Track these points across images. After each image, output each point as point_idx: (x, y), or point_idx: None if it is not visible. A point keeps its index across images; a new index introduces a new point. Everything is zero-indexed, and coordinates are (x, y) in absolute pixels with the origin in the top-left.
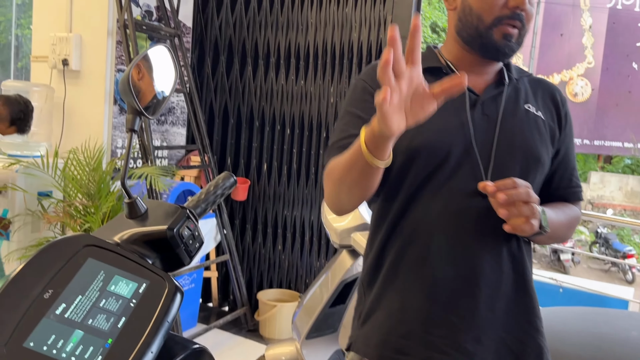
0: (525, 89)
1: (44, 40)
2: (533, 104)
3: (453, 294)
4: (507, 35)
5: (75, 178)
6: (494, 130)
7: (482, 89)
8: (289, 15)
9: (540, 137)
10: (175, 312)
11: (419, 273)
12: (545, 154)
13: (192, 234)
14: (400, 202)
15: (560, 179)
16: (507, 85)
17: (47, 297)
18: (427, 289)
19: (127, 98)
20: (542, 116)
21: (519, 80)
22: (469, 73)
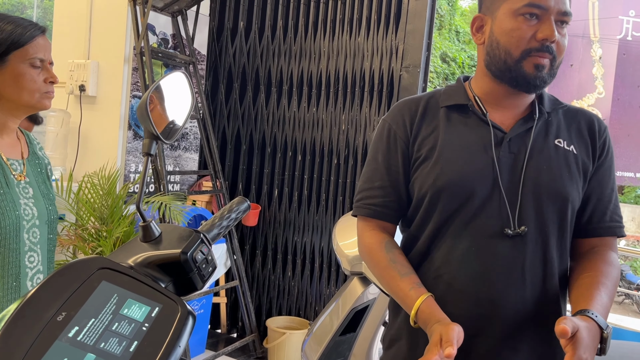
0: (557, 122)
1: (63, 67)
2: (565, 137)
3: (475, 334)
4: (538, 66)
5: (88, 202)
6: (520, 169)
7: (510, 124)
8: (302, 44)
9: (569, 174)
10: (187, 337)
11: (443, 310)
12: (574, 192)
13: (205, 258)
14: (427, 237)
15: (592, 212)
16: (536, 120)
17: (61, 319)
18: None
19: (145, 123)
20: (574, 150)
21: (551, 113)
22: (498, 107)
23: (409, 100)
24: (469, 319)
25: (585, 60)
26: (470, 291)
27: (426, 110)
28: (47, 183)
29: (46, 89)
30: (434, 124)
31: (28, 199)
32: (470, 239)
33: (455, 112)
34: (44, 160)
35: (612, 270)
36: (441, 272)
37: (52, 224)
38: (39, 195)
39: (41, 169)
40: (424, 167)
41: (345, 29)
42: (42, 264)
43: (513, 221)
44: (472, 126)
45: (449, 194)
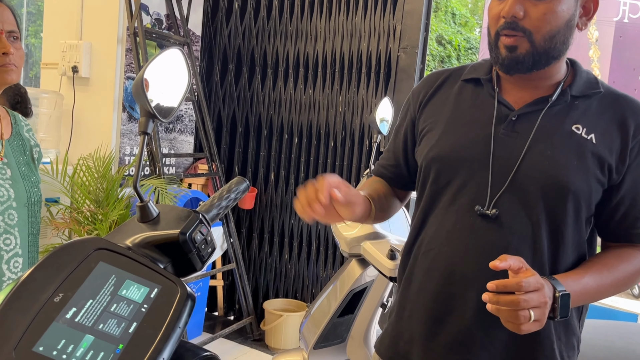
0: (585, 108)
1: (54, 48)
2: (586, 124)
3: (449, 313)
4: (507, 47)
5: (84, 184)
6: (520, 149)
7: (523, 104)
8: (298, 25)
9: (579, 162)
10: (187, 318)
11: (424, 285)
12: (581, 183)
13: (204, 238)
14: (421, 211)
15: (623, 217)
16: (551, 101)
17: (58, 300)
18: (428, 303)
19: (141, 101)
20: (594, 140)
21: (580, 98)
22: (515, 86)
23: (437, 72)
24: (444, 297)
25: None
26: (449, 268)
27: (445, 82)
28: (30, 165)
29: (1, 62)
30: (446, 96)
31: (5, 180)
32: (456, 215)
33: (471, 86)
34: (29, 142)
35: (623, 265)
36: (430, 247)
37: (33, 207)
38: (18, 176)
39: (25, 150)
40: (426, 138)
41: (342, 9)
42: (22, 247)
43: (489, 201)
44: (481, 101)
45: (438, 166)
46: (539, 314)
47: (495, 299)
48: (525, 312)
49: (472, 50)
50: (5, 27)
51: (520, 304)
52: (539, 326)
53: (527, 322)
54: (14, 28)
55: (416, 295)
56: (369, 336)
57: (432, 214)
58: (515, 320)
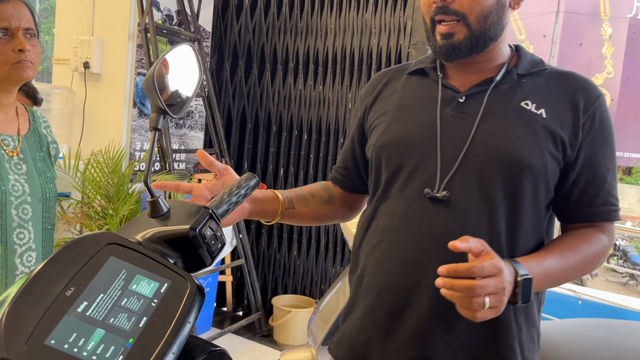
0: (533, 85)
1: (66, 43)
2: (536, 100)
3: (406, 305)
4: (443, 34)
5: (94, 180)
6: (470, 129)
7: (470, 86)
8: (308, 21)
9: (532, 137)
10: (196, 313)
11: (377, 279)
12: (535, 158)
13: (214, 234)
14: (374, 201)
15: (581, 196)
16: (497, 80)
17: (69, 294)
18: (383, 298)
19: (152, 96)
20: (545, 114)
21: (527, 76)
22: (459, 70)
23: (382, 71)
24: (398, 290)
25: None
26: (401, 259)
27: (390, 80)
28: (47, 161)
29: (16, 58)
30: (393, 91)
31: (20, 175)
32: (407, 202)
33: (416, 77)
34: (46, 138)
35: (586, 246)
36: (381, 237)
37: (47, 202)
38: (34, 172)
39: (41, 146)
40: (374, 131)
41: (352, 5)
42: (35, 242)
43: (439, 184)
44: (426, 88)
45: (387, 153)
46: (495, 300)
47: (449, 284)
48: (479, 299)
49: None
50: (22, 24)
51: (475, 290)
52: (496, 313)
53: (482, 309)
54: (31, 25)
55: (368, 290)
56: None
57: (383, 203)
58: (469, 306)
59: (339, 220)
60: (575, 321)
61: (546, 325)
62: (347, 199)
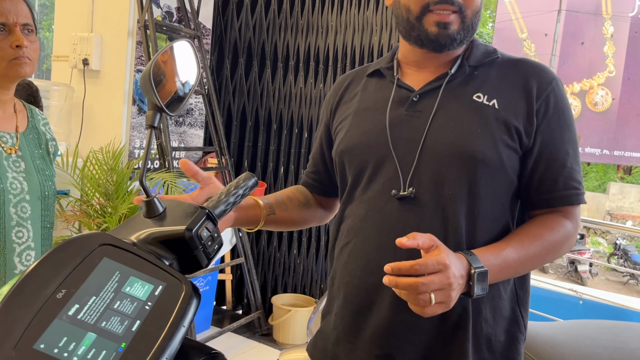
0: (485, 76)
1: (65, 40)
2: (487, 92)
3: (369, 305)
4: (440, 23)
5: (93, 177)
6: (424, 127)
7: (424, 83)
8: (309, 18)
9: (484, 130)
10: (192, 316)
11: (344, 280)
12: (488, 151)
13: (211, 235)
14: (342, 205)
15: (541, 181)
16: (449, 75)
17: (60, 297)
18: (349, 298)
19: (148, 94)
20: (497, 105)
21: (479, 67)
22: (417, 68)
23: (344, 75)
24: (362, 289)
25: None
26: (364, 259)
27: (352, 83)
28: (45, 159)
29: (14, 54)
30: (354, 94)
31: (18, 172)
32: (368, 203)
33: (374, 78)
34: (45, 136)
35: (547, 233)
36: (348, 239)
37: (46, 200)
38: (33, 170)
39: (40, 143)
40: (337, 136)
41: (354, 3)
42: (34, 240)
43: (403, 182)
44: (383, 89)
45: (348, 158)
46: (443, 295)
47: (394, 282)
48: (424, 296)
49: None
50: (19, 19)
51: (419, 288)
52: (445, 308)
53: (428, 305)
54: (29, 21)
55: (337, 291)
56: None
57: (349, 206)
58: (415, 303)
59: (317, 223)
60: (578, 322)
61: (549, 326)
62: (322, 202)
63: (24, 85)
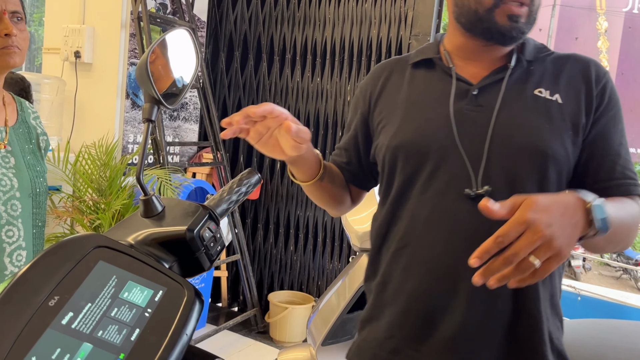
0: (542, 71)
1: (56, 32)
2: (549, 87)
3: (440, 310)
4: (512, 16)
5: (86, 173)
6: (488, 122)
7: (481, 77)
8: (306, 11)
9: (550, 126)
10: (194, 324)
11: (406, 285)
12: (557, 146)
13: (213, 236)
14: (390, 205)
15: (597, 170)
16: (510, 69)
17: (53, 304)
18: (414, 304)
19: (145, 85)
20: (560, 100)
21: (534, 62)
22: (470, 61)
23: (382, 63)
24: (431, 296)
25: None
26: (432, 262)
27: (392, 73)
28: (36, 154)
29: (2, 43)
30: (398, 85)
31: (7, 169)
32: (431, 203)
33: (422, 69)
34: (35, 130)
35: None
36: (404, 242)
37: (38, 198)
38: (23, 166)
39: (31, 138)
40: (384, 130)
41: None
42: (25, 240)
43: (475, 180)
44: (436, 81)
45: (404, 154)
46: (545, 251)
47: (487, 272)
48: (525, 264)
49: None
50: (8, 7)
51: (511, 260)
52: (560, 260)
53: (537, 269)
54: (18, 8)
55: (395, 297)
56: None
57: (402, 206)
58: (522, 276)
59: (340, 211)
60: (586, 322)
61: None
62: (353, 192)
63: (17, 79)
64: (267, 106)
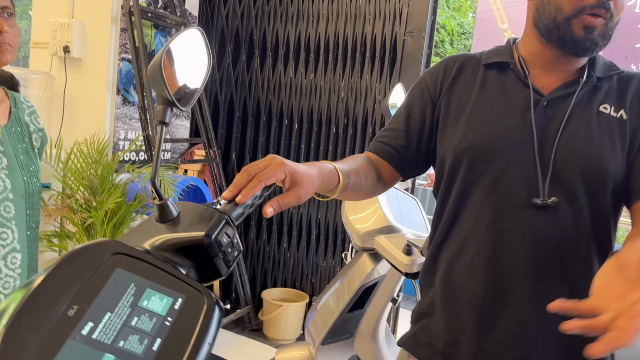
0: (608, 89)
1: (44, 26)
2: (613, 104)
3: (500, 308)
4: (588, 27)
5: (77, 170)
6: (555, 134)
7: (552, 88)
8: (300, 6)
9: (613, 143)
10: (215, 332)
11: (468, 283)
12: (613, 163)
13: (231, 241)
14: (452, 206)
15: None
16: (581, 84)
17: (72, 314)
18: (475, 301)
19: (158, 87)
20: (625, 116)
21: (603, 79)
22: (543, 70)
23: (454, 56)
24: (494, 293)
25: None
26: (495, 263)
27: (464, 68)
28: (30, 153)
29: None
30: (470, 82)
31: (0, 170)
32: (495, 207)
33: (494, 72)
34: (28, 128)
35: None
36: (468, 242)
37: (31, 199)
38: (16, 166)
39: (24, 137)
40: (450, 128)
41: None
42: (20, 242)
43: (542, 190)
44: (509, 87)
45: (472, 155)
46: None
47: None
48: None
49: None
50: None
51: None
52: None
53: None
54: (7, 4)
55: (458, 294)
56: (377, 331)
57: (465, 207)
58: None
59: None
60: None
61: None
62: (390, 174)
63: (6, 77)
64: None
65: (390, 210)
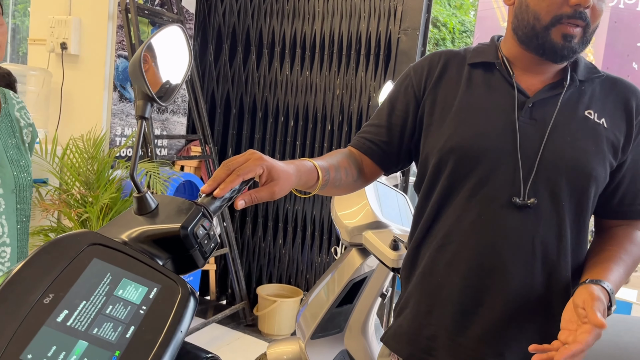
0: (591, 92)
1: (42, 23)
2: (597, 109)
3: (479, 305)
4: (567, 36)
5: (73, 166)
6: (541, 137)
7: (536, 90)
8: (295, 3)
9: (596, 149)
10: (189, 321)
11: (448, 279)
12: (599, 168)
13: (207, 233)
14: (435, 203)
15: (624, 195)
16: (566, 87)
17: (48, 302)
18: (454, 297)
19: (138, 82)
20: (605, 124)
21: (585, 82)
22: (525, 72)
23: (439, 52)
24: (473, 290)
25: None
26: (475, 261)
27: (449, 65)
28: (20, 148)
29: None
30: (455, 81)
31: None
32: (479, 207)
33: (480, 71)
34: (18, 123)
35: (635, 249)
36: (449, 239)
37: (22, 193)
38: (5, 161)
39: (14, 132)
40: (436, 126)
41: None
42: (10, 236)
43: (523, 191)
44: (495, 87)
45: (457, 156)
46: None
47: None
48: None
49: (467, 33)
50: None
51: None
52: None
53: None
54: None
55: (438, 289)
56: (367, 326)
57: (448, 205)
58: None
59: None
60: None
61: None
62: (370, 169)
63: (3, 74)
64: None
65: (378, 206)
